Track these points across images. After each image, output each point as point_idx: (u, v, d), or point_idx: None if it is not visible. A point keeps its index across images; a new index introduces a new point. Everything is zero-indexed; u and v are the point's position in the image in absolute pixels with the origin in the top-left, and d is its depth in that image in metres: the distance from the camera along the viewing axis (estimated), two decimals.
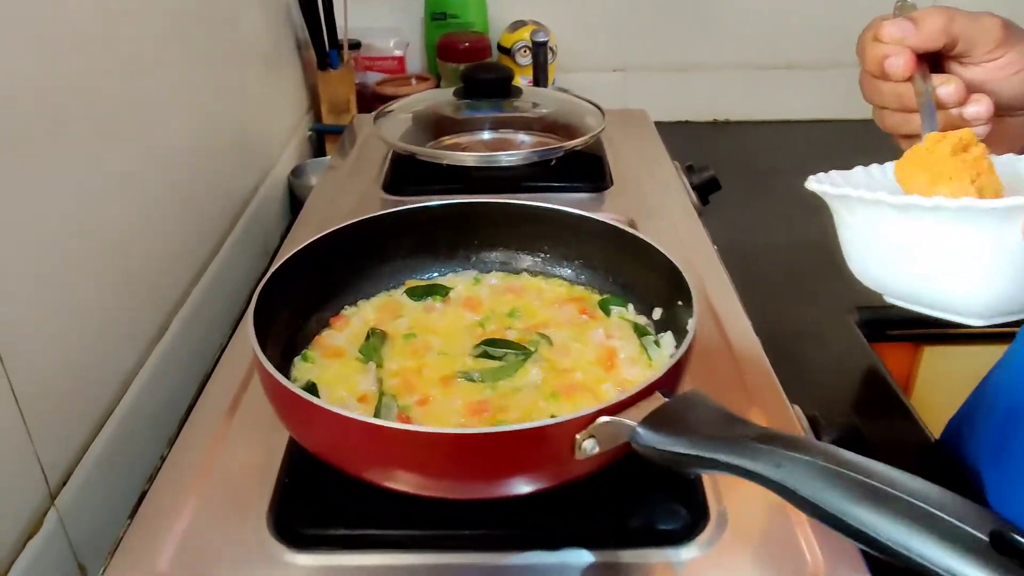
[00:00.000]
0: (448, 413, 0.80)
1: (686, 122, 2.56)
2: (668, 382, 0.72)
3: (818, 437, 0.92)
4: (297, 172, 1.88)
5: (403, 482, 0.71)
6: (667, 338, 0.90)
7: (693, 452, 0.60)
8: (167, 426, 1.07)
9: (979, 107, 0.67)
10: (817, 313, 1.62)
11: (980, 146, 0.60)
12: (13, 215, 0.86)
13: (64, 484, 0.93)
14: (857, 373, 1.49)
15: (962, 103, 0.67)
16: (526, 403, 0.81)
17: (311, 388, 0.85)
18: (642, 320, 0.96)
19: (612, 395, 0.81)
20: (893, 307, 0.66)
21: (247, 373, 0.97)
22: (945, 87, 0.67)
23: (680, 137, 1.83)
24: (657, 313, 0.95)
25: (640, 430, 0.63)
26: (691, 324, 0.79)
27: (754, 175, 2.12)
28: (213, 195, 1.45)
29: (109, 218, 1.06)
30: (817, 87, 2.42)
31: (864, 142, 0.82)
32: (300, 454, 0.78)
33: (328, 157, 1.94)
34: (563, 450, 0.67)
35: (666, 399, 0.66)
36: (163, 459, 0.88)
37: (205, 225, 1.41)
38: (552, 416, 0.77)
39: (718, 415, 0.63)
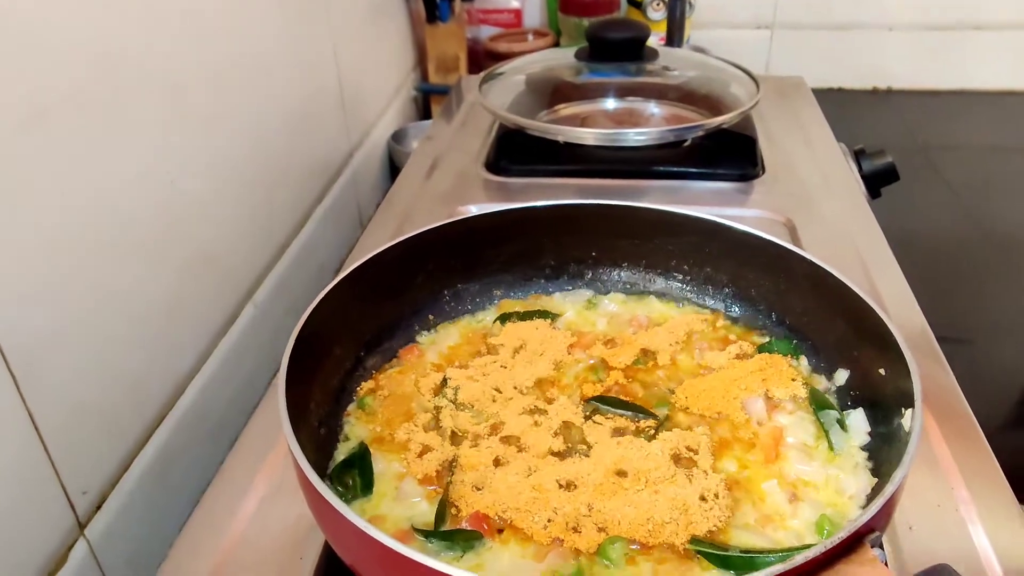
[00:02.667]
0: (535, 516, 0.57)
1: (839, 89, 2.25)
2: (881, 521, 0.46)
3: None
4: (398, 136, 1.72)
5: None
6: (857, 418, 0.64)
7: None
8: (231, 428, 0.91)
9: None
10: (1003, 331, 1.35)
11: None
12: (40, 199, 0.71)
13: (98, 509, 0.81)
14: None
15: None
16: (646, 510, 0.57)
17: (363, 457, 0.64)
18: (821, 383, 0.70)
19: (780, 503, 0.56)
20: None
21: None
22: None
23: (831, 106, 1.55)
24: (841, 376, 0.69)
25: None
26: (911, 421, 0.52)
27: (921, 155, 1.81)
28: (300, 162, 1.29)
29: (181, 195, 0.91)
30: (1008, 51, 2.05)
31: None
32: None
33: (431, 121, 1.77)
34: None
35: None
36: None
37: (289, 196, 1.25)
38: (687, 538, 0.53)
39: None
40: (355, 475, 0.62)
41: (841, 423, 0.65)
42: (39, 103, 0.69)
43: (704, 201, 1.13)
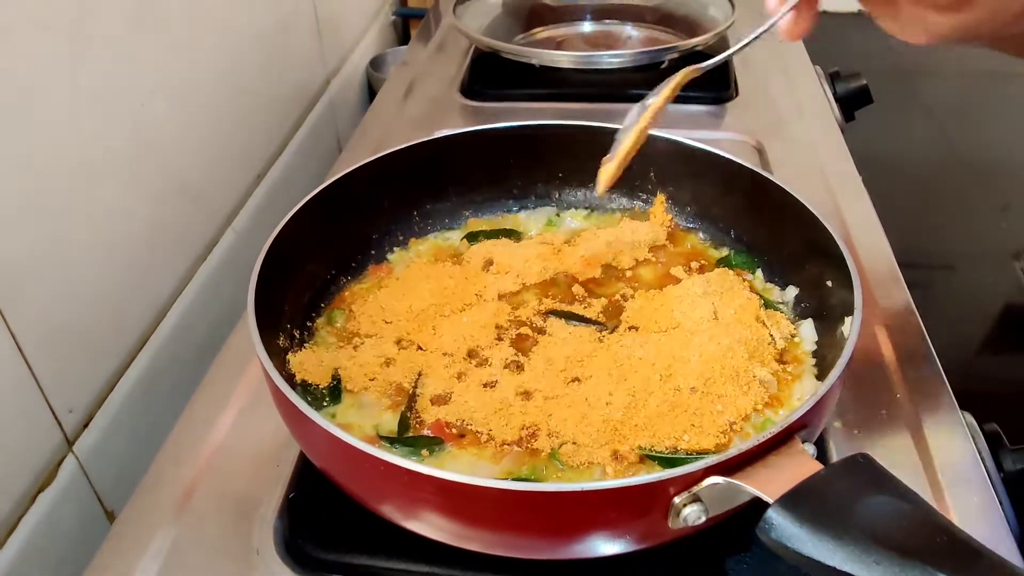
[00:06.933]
0: (492, 423, 0.60)
1: (823, 12, 2.21)
2: (813, 419, 0.49)
3: (998, 460, 0.69)
4: (377, 63, 1.69)
5: (429, 530, 0.52)
6: (806, 329, 0.67)
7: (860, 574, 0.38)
8: (213, 351, 0.93)
9: None
10: (977, 256, 1.38)
11: None
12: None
13: (85, 427, 0.84)
14: None
15: None
16: (597, 416, 0.60)
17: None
18: (774, 294, 0.72)
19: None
20: None
21: None
22: None
23: (815, 30, 1.53)
24: (792, 290, 0.71)
25: (775, 516, 0.42)
26: (849, 329, 0.55)
27: (904, 79, 1.82)
28: (278, 88, 1.28)
29: (151, 119, 0.91)
30: None
31: None
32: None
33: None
34: (653, 515, 0.47)
35: (818, 468, 0.44)
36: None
37: (265, 123, 1.24)
38: (633, 443, 0.56)
39: (902, 511, 0.40)
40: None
41: (792, 334, 0.68)
42: (1, 21, 0.69)
43: (677, 124, 1.13)
